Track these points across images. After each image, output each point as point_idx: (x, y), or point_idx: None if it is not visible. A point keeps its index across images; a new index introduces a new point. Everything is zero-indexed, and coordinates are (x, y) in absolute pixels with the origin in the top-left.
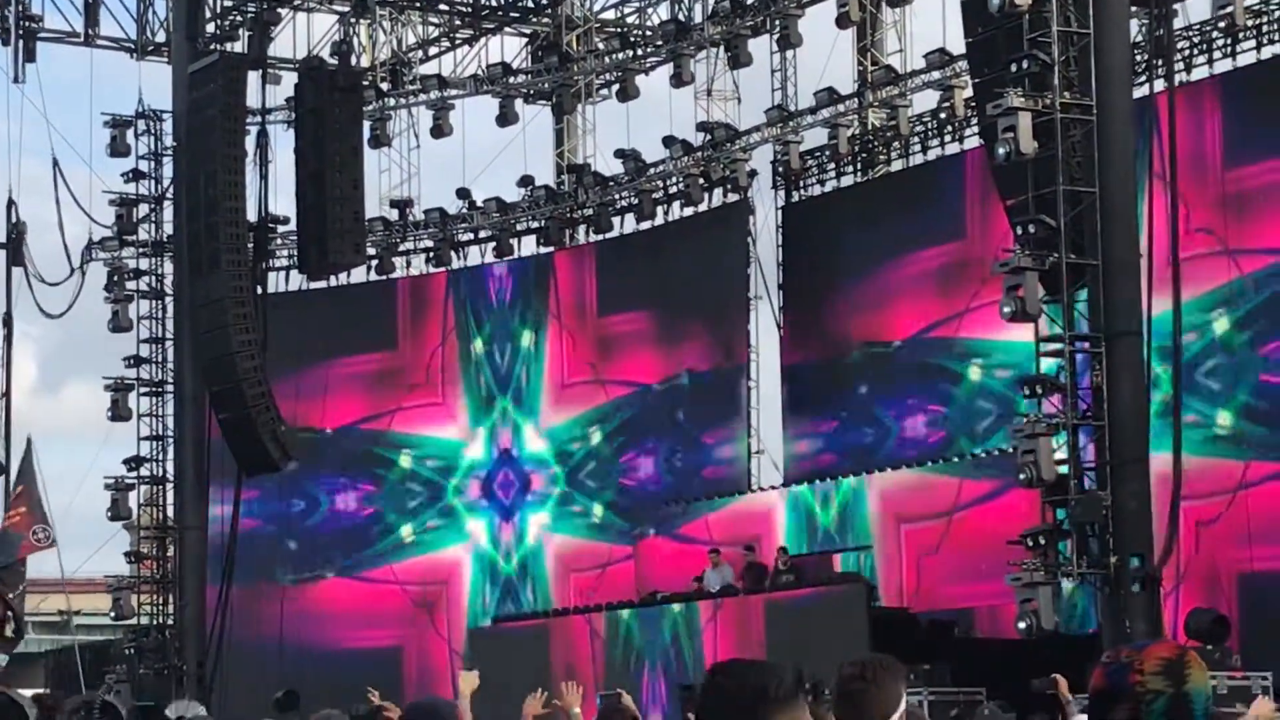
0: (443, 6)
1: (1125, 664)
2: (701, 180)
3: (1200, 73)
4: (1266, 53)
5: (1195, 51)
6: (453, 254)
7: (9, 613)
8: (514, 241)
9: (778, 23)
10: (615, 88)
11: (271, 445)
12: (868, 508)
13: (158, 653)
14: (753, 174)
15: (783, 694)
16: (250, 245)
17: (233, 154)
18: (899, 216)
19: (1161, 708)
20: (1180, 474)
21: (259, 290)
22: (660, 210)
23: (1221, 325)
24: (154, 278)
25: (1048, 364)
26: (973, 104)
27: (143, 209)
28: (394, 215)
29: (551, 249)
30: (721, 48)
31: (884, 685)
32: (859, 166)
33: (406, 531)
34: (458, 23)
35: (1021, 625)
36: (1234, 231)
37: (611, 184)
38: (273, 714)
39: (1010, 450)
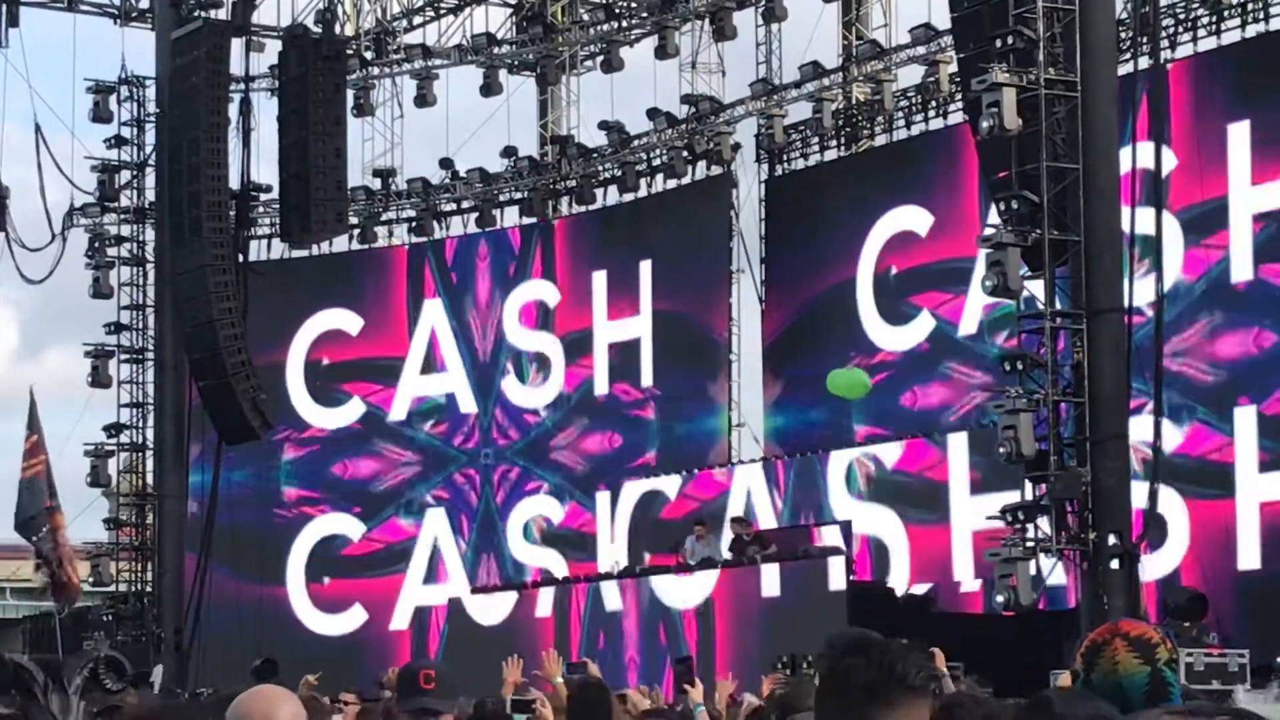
0: None
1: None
2: (685, 153)
3: (1184, 50)
4: (1251, 30)
5: (1180, 29)
6: (435, 224)
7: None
8: (496, 212)
9: None
10: (600, 59)
11: (251, 414)
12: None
13: (136, 620)
14: (736, 147)
15: (918, 682)
16: (232, 213)
17: (215, 121)
18: (882, 191)
19: (1079, 687)
20: (1160, 451)
21: (240, 258)
22: (643, 183)
23: None
24: (135, 244)
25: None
26: (957, 79)
27: (125, 175)
28: (377, 185)
29: (534, 220)
30: (706, 20)
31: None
32: (843, 141)
33: (387, 499)
34: None
35: (999, 600)
36: None
37: (595, 156)
38: (251, 682)
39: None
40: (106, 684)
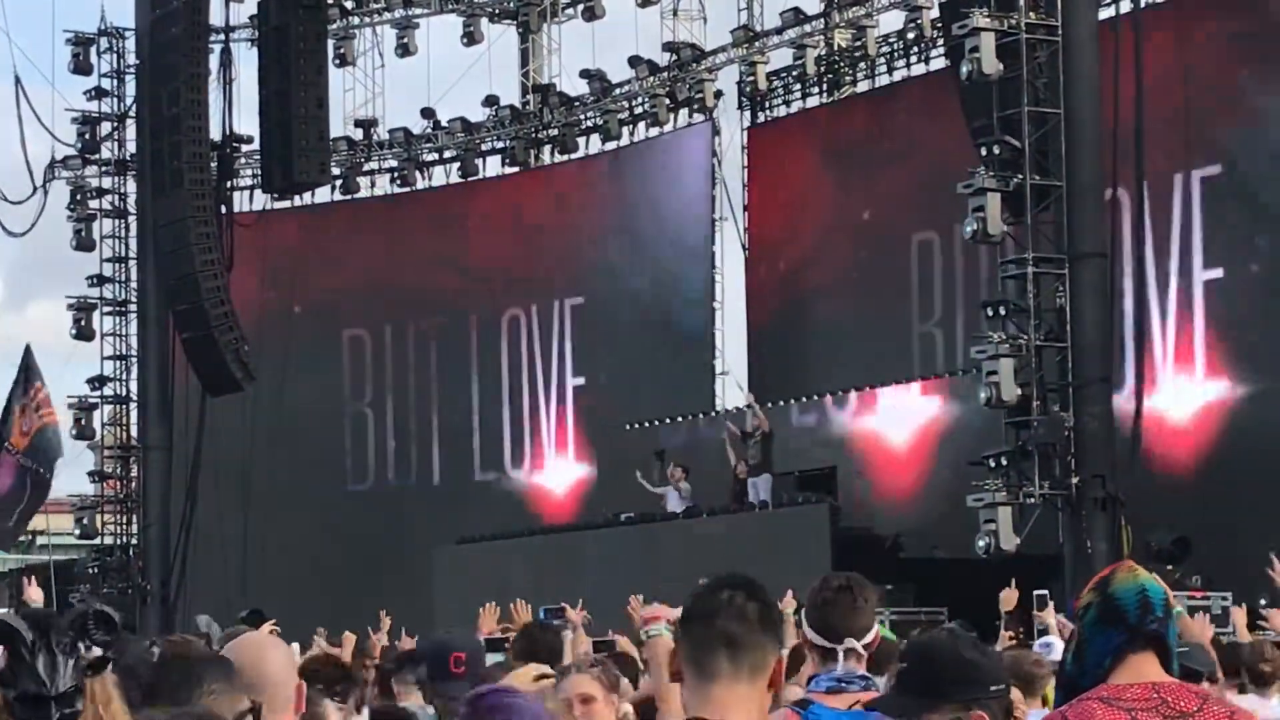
0: None
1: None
2: (667, 101)
3: None
4: None
5: None
6: (417, 174)
7: None
8: (479, 162)
9: None
10: (581, 7)
11: (234, 365)
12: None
13: (121, 572)
14: (718, 95)
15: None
16: (214, 164)
17: (196, 72)
18: (865, 138)
19: (1093, 617)
20: (1142, 394)
21: (222, 209)
22: (625, 131)
23: None
24: (117, 196)
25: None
26: (939, 24)
27: (105, 127)
28: (359, 135)
29: (516, 169)
30: None
31: (868, 601)
32: (825, 87)
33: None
34: None
35: (980, 545)
36: None
37: (577, 104)
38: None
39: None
40: (94, 637)
